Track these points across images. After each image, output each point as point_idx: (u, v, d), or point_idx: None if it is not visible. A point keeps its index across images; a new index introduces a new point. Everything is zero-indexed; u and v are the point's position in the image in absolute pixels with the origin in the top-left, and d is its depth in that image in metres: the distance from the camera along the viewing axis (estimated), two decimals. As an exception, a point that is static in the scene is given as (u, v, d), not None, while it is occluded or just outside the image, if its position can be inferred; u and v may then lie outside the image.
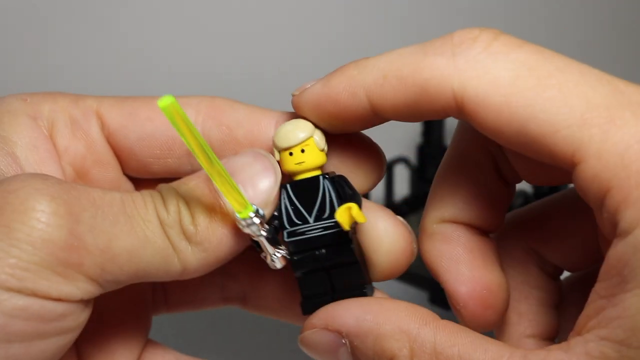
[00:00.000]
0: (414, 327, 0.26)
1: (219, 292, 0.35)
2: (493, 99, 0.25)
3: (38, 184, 0.25)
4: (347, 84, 0.28)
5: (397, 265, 0.30)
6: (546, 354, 0.24)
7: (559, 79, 0.25)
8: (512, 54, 0.25)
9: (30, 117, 0.30)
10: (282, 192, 0.29)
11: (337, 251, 0.29)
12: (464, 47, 0.26)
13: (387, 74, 0.27)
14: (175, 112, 0.24)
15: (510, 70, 0.25)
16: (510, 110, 0.25)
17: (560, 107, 0.24)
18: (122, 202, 0.27)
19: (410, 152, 0.71)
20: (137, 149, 0.31)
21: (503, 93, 0.25)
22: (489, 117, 0.25)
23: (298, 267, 0.29)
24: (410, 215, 0.61)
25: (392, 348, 0.26)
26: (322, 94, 0.28)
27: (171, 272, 0.27)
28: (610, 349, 0.23)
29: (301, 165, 0.29)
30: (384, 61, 0.27)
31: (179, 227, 0.27)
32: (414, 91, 0.26)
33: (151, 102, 0.31)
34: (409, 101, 0.27)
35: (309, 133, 0.29)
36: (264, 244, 0.28)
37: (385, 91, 0.27)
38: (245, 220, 0.27)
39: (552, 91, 0.24)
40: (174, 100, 0.24)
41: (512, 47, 0.26)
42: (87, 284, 0.26)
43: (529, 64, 0.25)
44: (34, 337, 0.25)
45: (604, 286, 0.24)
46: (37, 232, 0.25)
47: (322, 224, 0.29)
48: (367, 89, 0.27)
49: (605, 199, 0.24)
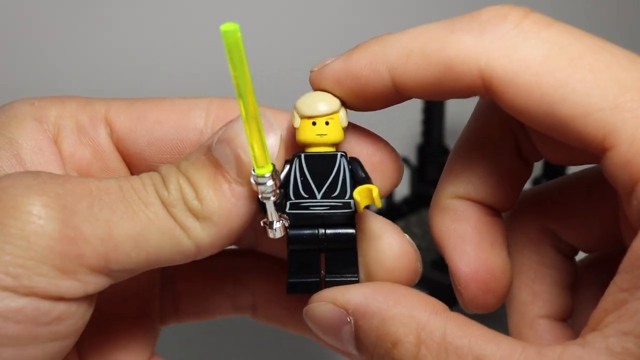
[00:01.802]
0: (424, 315, 0.25)
1: (230, 300, 0.34)
2: (523, 78, 0.24)
3: (29, 181, 0.25)
4: (369, 60, 0.27)
5: (399, 283, 0.29)
6: (562, 349, 0.23)
7: (590, 60, 0.24)
8: (543, 33, 0.25)
9: (37, 120, 0.30)
10: (294, 161, 0.29)
11: (340, 235, 0.28)
12: (492, 24, 0.25)
13: (411, 51, 0.26)
14: (234, 41, 0.23)
15: (541, 50, 0.24)
16: (540, 90, 0.24)
17: (592, 89, 0.23)
18: (120, 188, 0.26)
19: (410, 152, 0.71)
20: (146, 153, 0.31)
21: (533, 73, 0.24)
22: (518, 97, 0.25)
23: (294, 242, 0.28)
24: (410, 215, 0.61)
25: (397, 333, 0.25)
26: (343, 70, 0.28)
27: (185, 252, 0.26)
28: (634, 344, 0.22)
29: (322, 137, 0.28)
30: (408, 37, 0.27)
31: (182, 205, 0.26)
32: (438, 69, 0.26)
33: (160, 105, 0.31)
34: (433, 79, 0.26)
35: (337, 107, 0.28)
36: (271, 209, 0.27)
37: (408, 68, 0.26)
38: (262, 177, 0.26)
39: (583, 72, 0.24)
40: (238, 28, 0.23)
41: (542, 25, 0.25)
42: (91, 276, 0.25)
43: (560, 44, 0.24)
44: (27, 341, 0.24)
45: (627, 278, 0.23)
46: (30, 226, 0.24)
47: (330, 202, 0.28)
48: (390, 65, 0.27)
49: (637, 187, 0.23)
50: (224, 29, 0.23)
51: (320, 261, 0.29)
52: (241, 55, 0.23)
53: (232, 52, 0.23)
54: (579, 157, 0.28)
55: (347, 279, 0.28)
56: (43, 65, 0.61)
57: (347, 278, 0.28)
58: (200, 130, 0.30)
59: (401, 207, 0.62)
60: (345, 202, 0.28)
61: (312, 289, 0.29)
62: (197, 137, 0.30)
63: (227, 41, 0.23)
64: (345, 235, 0.28)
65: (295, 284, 0.28)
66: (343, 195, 0.28)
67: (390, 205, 0.61)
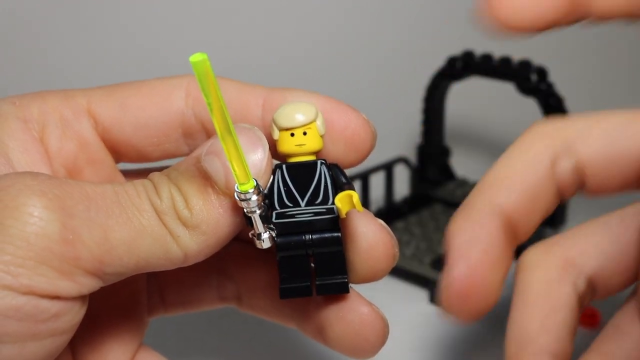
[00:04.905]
0: None
1: (215, 291, 0.35)
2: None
3: (28, 181, 0.25)
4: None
5: (376, 269, 0.30)
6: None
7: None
8: None
9: (21, 120, 0.30)
10: (276, 172, 0.29)
11: (326, 238, 0.29)
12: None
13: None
14: (205, 71, 0.23)
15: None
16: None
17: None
18: (115, 194, 0.27)
19: (410, 152, 0.71)
20: (134, 140, 0.32)
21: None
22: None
23: (282, 249, 0.29)
24: (410, 215, 0.61)
25: None
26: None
27: (173, 259, 0.27)
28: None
29: (302, 147, 0.29)
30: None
31: (173, 213, 0.27)
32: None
33: (141, 89, 0.31)
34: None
35: (314, 116, 0.29)
36: (257, 221, 0.28)
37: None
38: (245, 194, 0.27)
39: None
40: (206, 57, 0.23)
41: None
42: (86, 278, 0.26)
43: None
44: (27, 338, 0.25)
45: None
46: (31, 227, 0.24)
47: (314, 209, 0.29)
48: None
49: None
50: (193, 60, 0.23)
51: (309, 265, 0.30)
52: (213, 82, 0.24)
53: (203, 80, 0.24)
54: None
55: (337, 281, 0.30)
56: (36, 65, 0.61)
57: (337, 280, 0.30)
58: (182, 111, 0.31)
59: (401, 207, 0.62)
60: (328, 208, 0.29)
61: (304, 293, 0.30)
62: (179, 119, 0.31)
63: (198, 71, 0.24)
64: (331, 238, 0.29)
65: (287, 289, 0.30)
66: (326, 201, 0.29)
67: (390, 205, 0.61)
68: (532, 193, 0.29)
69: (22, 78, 0.60)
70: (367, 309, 0.31)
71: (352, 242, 0.30)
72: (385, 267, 0.30)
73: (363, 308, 0.31)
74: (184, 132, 0.32)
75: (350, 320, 0.31)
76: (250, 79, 0.70)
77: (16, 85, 0.60)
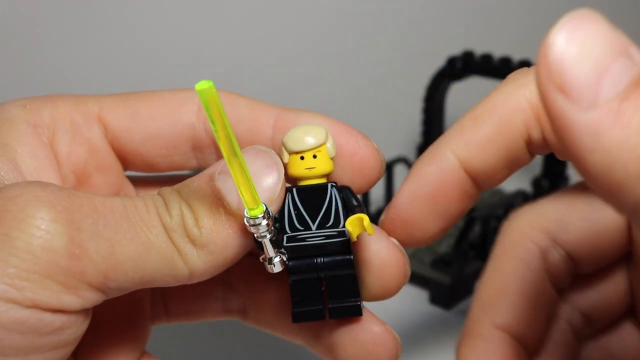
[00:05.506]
0: None
1: (219, 303, 0.34)
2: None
3: (37, 191, 0.25)
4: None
5: (388, 288, 0.30)
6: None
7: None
8: None
9: (30, 125, 0.30)
10: (287, 195, 0.29)
11: (337, 261, 0.29)
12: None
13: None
14: (211, 98, 0.23)
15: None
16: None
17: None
18: (125, 208, 0.26)
19: (410, 152, 0.71)
20: (142, 150, 0.31)
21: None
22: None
23: (294, 272, 0.29)
24: (410, 215, 0.61)
25: None
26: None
27: (178, 276, 0.27)
28: None
29: (312, 170, 0.29)
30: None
31: (183, 231, 0.27)
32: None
33: (153, 99, 0.31)
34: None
35: (323, 139, 0.29)
36: (267, 246, 0.28)
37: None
38: (255, 219, 0.26)
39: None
40: (212, 85, 0.23)
41: None
42: (90, 292, 0.25)
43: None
44: (30, 350, 0.25)
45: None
46: (37, 240, 0.24)
47: (325, 232, 0.29)
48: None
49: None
50: (198, 87, 0.23)
51: (321, 288, 0.29)
52: (219, 109, 0.24)
53: (209, 108, 0.23)
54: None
55: (350, 304, 0.29)
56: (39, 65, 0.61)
57: (350, 303, 0.29)
58: (193, 125, 0.31)
59: (401, 207, 0.62)
60: (340, 231, 0.28)
61: (317, 317, 0.29)
62: (190, 132, 0.31)
63: (203, 99, 0.23)
64: (342, 261, 0.29)
65: (300, 313, 0.29)
66: (337, 224, 0.29)
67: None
68: (532, 301, 0.29)
69: (22, 78, 0.60)
70: (380, 328, 0.31)
71: (364, 261, 0.29)
72: (397, 286, 0.30)
73: (376, 327, 0.31)
74: (194, 145, 0.32)
75: (362, 340, 0.30)
76: (250, 78, 0.70)
77: (16, 85, 0.60)
